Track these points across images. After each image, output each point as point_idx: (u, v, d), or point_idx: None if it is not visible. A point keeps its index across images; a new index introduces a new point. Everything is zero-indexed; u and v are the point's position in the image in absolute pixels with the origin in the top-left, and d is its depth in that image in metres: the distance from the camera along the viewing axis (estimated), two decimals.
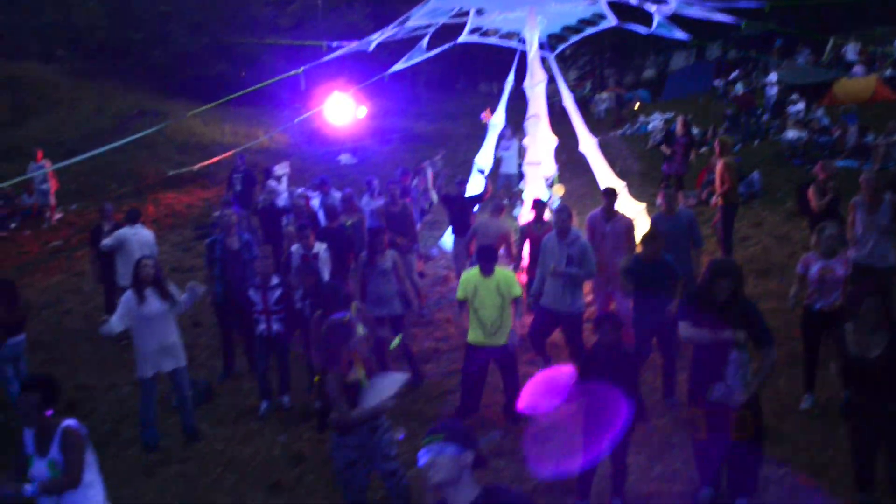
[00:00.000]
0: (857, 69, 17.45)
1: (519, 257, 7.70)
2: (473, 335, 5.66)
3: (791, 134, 14.24)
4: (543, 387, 4.96)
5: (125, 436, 6.19)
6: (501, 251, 7.41)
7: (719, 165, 8.81)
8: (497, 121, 10.87)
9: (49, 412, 3.63)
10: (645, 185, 12.86)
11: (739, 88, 18.92)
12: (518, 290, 5.69)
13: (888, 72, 17.04)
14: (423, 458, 2.39)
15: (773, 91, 17.14)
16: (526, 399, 5.21)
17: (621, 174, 11.52)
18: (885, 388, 3.96)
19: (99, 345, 8.16)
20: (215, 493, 5.22)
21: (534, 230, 7.22)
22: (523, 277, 7.59)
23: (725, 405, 4.17)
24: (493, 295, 5.55)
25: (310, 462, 5.50)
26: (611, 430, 4.45)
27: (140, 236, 8.16)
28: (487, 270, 5.56)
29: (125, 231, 8.08)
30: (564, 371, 2.73)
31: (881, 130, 13.61)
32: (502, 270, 5.69)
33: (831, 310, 5.50)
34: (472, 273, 5.67)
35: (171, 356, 5.82)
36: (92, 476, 3.72)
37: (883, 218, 6.22)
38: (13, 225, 14.07)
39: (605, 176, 10.19)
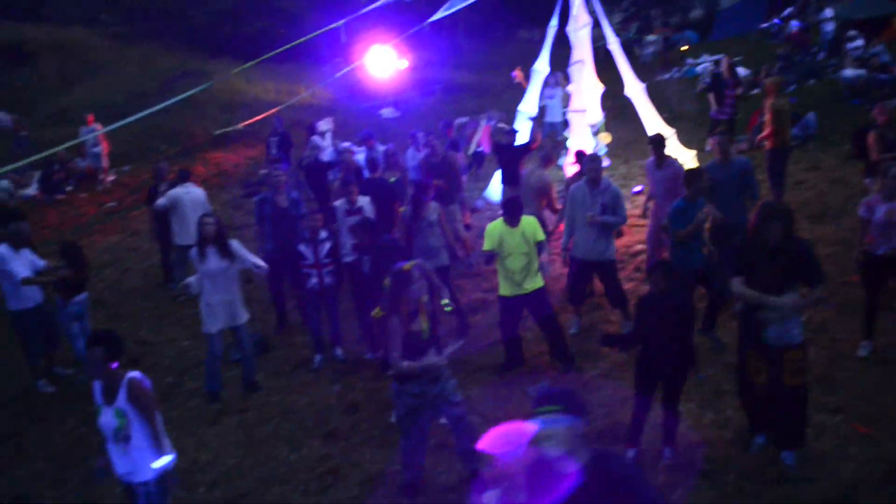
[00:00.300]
0: None
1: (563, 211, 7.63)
2: (503, 288, 5.75)
3: (848, 72, 13.59)
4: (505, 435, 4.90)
5: (187, 388, 6.46)
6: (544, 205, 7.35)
7: (767, 107, 8.53)
8: (541, 67, 10.63)
9: (114, 364, 3.80)
10: (695, 131, 12.49)
11: (793, 26, 18.10)
12: (542, 235, 5.71)
13: None
14: (539, 427, 2.36)
15: (829, 27, 16.35)
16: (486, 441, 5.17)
17: (669, 120, 11.21)
18: None
19: (158, 302, 8.48)
20: (273, 441, 5.44)
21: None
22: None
23: (780, 349, 4.11)
24: (520, 243, 5.57)
25: (364, 410, 5.67)
26: (662, 379, 4.48)
27: (192, 195, 8.34)
28: (513, 222, 5.58)
29: (177, 191, 8.27)
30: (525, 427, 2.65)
31: None
32: (526, 218, 5.68)
33: (895, 254, 5.34)
34: (496, 224, 5.68)
35: (233, 312, 6.01)
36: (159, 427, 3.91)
37: None
38: (69, 188, 14.55)
39: (653, 122, 9.94)
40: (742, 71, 14.43)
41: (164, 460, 3.84)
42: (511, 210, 5.64)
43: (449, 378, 4.36)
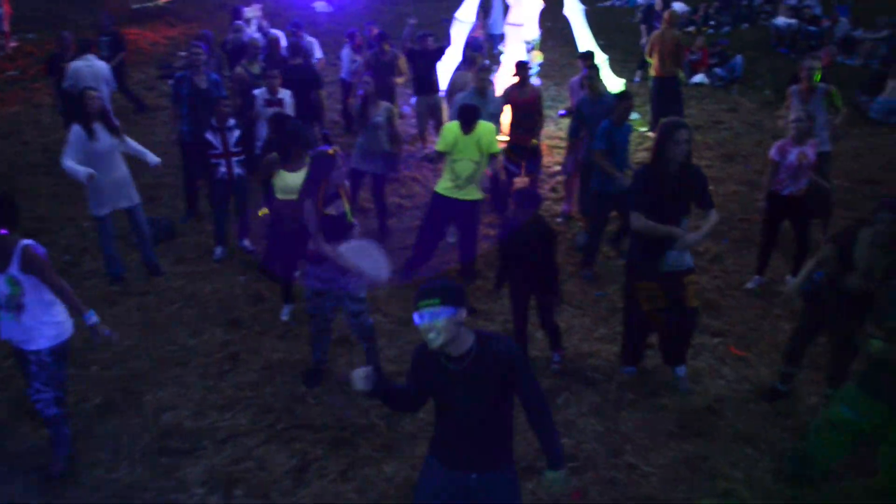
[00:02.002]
0: None
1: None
2: (443, 185, 5.64)
3: (780, 21, 13.89)
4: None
5: (86, 268, 6.23)
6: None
7: (658, 35, 8.88)
8: None
9: (4, 231, 3.61)
10: (628, 61, 12.58)
11: None
12: (496, 147, 5.70)
13: None
14: (420, 321, 2.44)
15: None
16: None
17: (605, 47, 11.22)
18: (862, 304, 3.92)
19: (58, 178, 8.02)
20: (174, 325, 5.36)
21: (516, 94, 7.03)
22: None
23: (679, 274, 4.27)
24: (473, 150, 5.53)
25: (268, 302, 5.65)
26: (535, 293, 4.71)
27: (94, 68, 7.82)
28: (467, 129, 5.53)
29: (78, 64, 7.72)
30: None
31: (870, 26, 13.35)
32: (484, 124, 5.64)
33: (798, 195, 5.63)
34: (453, 125, 5.62)
35: (124, 194, 5.74)
36: (54, 296, 3.76)
37: (815, 109, 6.27)
38: None
39: (588, 46, 9.92)
40: (681, 7, 14.47)
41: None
42: (465, 118, 5.52)
43: (358, 276, 4.37)
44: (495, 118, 6.60)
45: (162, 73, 12.03)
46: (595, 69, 7.00)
